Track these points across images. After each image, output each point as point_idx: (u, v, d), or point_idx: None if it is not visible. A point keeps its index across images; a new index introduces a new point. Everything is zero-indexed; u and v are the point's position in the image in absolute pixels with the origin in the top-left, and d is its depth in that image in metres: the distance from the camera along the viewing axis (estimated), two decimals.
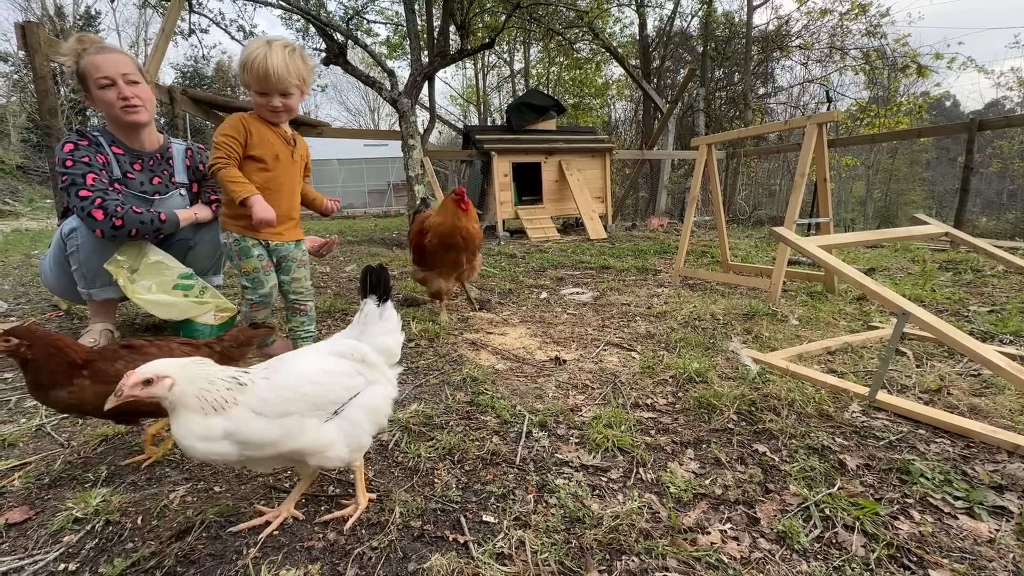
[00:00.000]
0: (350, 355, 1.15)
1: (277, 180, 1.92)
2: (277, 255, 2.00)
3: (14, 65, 18.75)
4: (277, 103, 1.83)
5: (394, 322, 1.28)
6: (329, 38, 7.09)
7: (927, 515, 1.12)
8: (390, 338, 1.27)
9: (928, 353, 2.12)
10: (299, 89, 1.86)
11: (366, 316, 1.24)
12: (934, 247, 5.28)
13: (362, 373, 1.14)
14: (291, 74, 1.78)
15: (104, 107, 2.14)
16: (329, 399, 1.07)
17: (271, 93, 1.80)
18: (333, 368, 1.11)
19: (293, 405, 1.02)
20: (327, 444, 1.06)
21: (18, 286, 3.84)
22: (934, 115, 20.10)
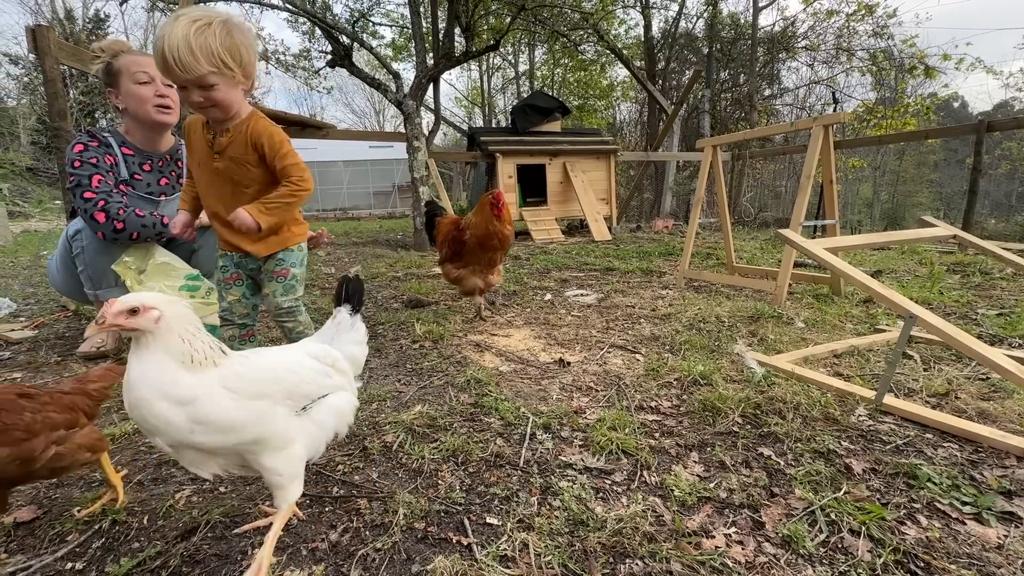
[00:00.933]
0: (323, 357, 1.15)
1: (203, 190, 1.65)
2: (244, 268, 1.73)
3: (24, 68, 18.96)
4: (196, 97, 1.41)
5: (363, 333, 1.28)
6: (335, 40, 7.13)
7: (934, 520, 1.11)
8: (359, 348, 1.26)
9: (936, 356, 2.10)
10: (222, 75, 1.41)
11: (339, 324, 1.25)
12: (942, 249, 5.24)
13: (331, 376, 1.14)
14: (198, 58, 1.33)
15: (135, 102, 2.18)
16: (303, 391, 1.05)
17: (185, 85, 1.40)
18: (309, 364, 1.11)
19: (269, 387, 0.98)
20: (290, 439, 1.01)
21: (27, 286, 3.88)
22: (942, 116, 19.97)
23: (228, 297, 1.73)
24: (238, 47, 1.43)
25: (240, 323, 1.75)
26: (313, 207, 19.07)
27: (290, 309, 1.75)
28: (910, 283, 3.58)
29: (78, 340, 2.44)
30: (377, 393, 1.79)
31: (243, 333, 1.78)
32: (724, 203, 3.94)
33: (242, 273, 1.73)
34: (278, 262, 1.72)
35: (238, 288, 1.74)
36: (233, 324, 1.75)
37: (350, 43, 7.31)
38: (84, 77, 14.06)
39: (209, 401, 0.90)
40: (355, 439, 1.49)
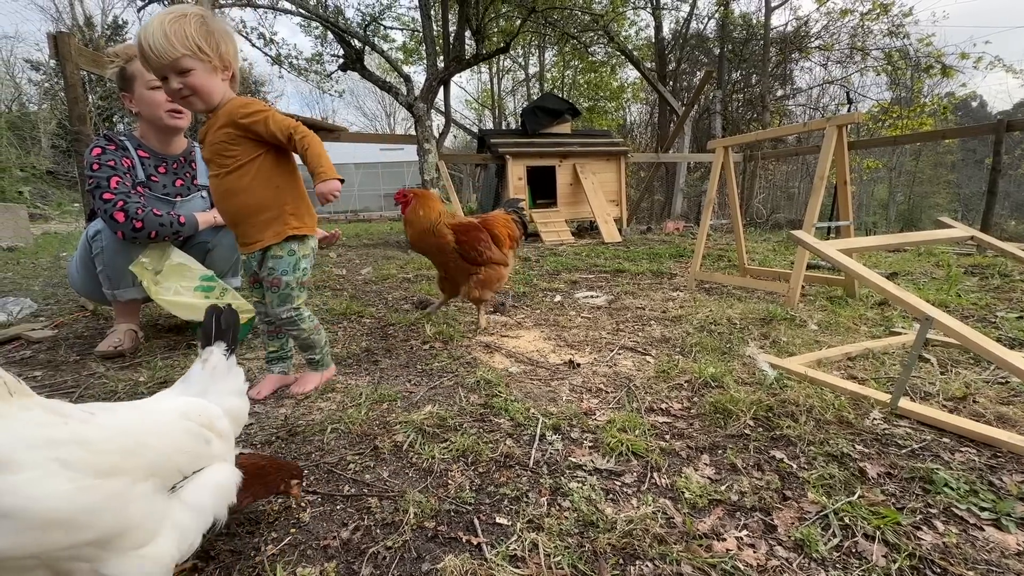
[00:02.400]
0: (198, 416, 0.89)
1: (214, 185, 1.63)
2: (251, 271, 1.73)
3: (45, 73, 19.40)
4: (175, 84, 1.43)
5: (242, 380, 1.05)
6: (347, 44, 7.21)
7: (951, 526, 1.09)
8: (240, 402, 1.02)
9: (953, 360, 2.07)
10: (199, 60, 1.43)
11: (213, 369, 0.98)
12: (959, 251, 5.14)
13: (211, 443, 0.89)
14: (172, 42, 1.37)
15: (148, 107, 2.23)
16: (174, 464, 0.80)
17: (165, 75, 1.43)
18: (183, 425, 0.85)
19: (127, 459, 0.71)
20: (152, 533, 0.73)
21: (47, 287, 3.97)
22: (960, 116, 19.60)
23: (252, 299, 1.81)
24: (213, 34, 1.46)
25: (267, 321, 1.82)
26: (325, 209, 19.25)
27: (290, 319, 1.70)
28: (927, 285, 3.52)
29: (96, 339, 2.49)
30: (388, 393, 1.80)
31: (271, 329, 1.84)
32: (736, 204, 3.91)
33: (254, 275, 1.73)
34: (269, 271, 1.66)
35: (256, 291, 1.78)
36: (263, 322, 1.83)
37: (362, 47, 7.38)
38: (103, 82, 14.35)
39: (28, 479, 0.59)
40: (366, 438, 1.50)
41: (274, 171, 1.64)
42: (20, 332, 2.60)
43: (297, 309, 1.71)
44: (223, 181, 1.58)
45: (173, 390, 0.97)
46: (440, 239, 2.41)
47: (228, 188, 1.58)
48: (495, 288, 2.58)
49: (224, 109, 1.53)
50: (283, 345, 1.87)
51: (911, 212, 22.86)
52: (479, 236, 2.50)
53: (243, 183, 1.59)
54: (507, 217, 2.75)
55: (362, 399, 1.75)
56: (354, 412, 1.64)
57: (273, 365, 1.89)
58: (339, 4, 10.17)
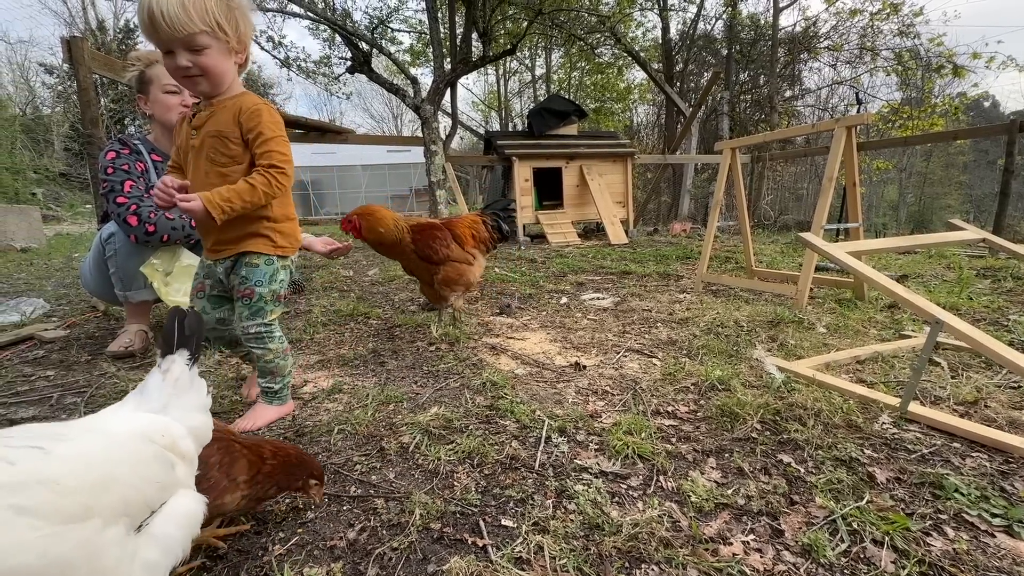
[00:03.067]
0: (160, 436, 0.78)
1: (189, 178, 1.45)
2: (212, 278, 1.55)
3: (58, 77, 19.68)
4: (183, 61, 1.29)
5: (205, 394, 0.94)
6: (355, 47, 7.25)
7: (962, 532, 1.08)
8: (204, 419, 0.91)
9: (964, 364, 2.04)
10: (215, 38, 1.30)
11: (176, 381, 0.86)
12: (971, 253, 5.08)
13: (175, 468, 0.80)
14: (192, 16, 1.23)
15: (161, 109, 2.26)
16: (146, 496, 0.71)
17: (172, 49, 1.28)
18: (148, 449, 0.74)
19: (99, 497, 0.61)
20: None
21: (60, 287, 4.02)
22: (971, 116, 19.37)
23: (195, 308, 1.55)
24: (233, 11, 1.32)
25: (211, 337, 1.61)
26: (332, 210, 19.35)
27: (258, 335, 1.53)
28: (937, 288, 3.48)
29: (107, 340, 2.52)
30: (394, 394, 1.81)
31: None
32: (743, 206, 3.89)
33: (207, 284, 1.55)
34: (241, 280, 1.50)
35: (199, 301, 1.56)
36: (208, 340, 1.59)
37: (369, 49, 7.43)
38: (115, 85, 14.53)
39: None
40: (373, 439, 1.51)
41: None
42: (33, 332, 2.64)
43: (268, 325, 1.54)
44: (207, 177, 1.42)
45: (127, 404, 0.83)
46: (400, 234, 2.40)
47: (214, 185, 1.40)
48: (459, 286, 2.54)
49: (240, 101, 1.40)
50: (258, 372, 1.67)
51: (922, 214, 22.61)
52: (434, 234, 2.47)
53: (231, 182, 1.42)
54: (475, 218, 2.70)
55: (368, 400, 1.76)
56: (361, 413, 1.65)
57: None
58: (347, 7, 10.24)
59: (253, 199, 1.38)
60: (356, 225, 2.32)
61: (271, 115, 1.41)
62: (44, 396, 1.87)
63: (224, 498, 1.00)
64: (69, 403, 1.81)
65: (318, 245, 2.23)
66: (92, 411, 1.71)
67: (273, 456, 1.09)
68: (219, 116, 1.40)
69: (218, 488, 0.99)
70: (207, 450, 0.99)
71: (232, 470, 1.02)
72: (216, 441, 1.02)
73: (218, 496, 0.99)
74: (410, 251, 2.41)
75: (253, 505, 1.08)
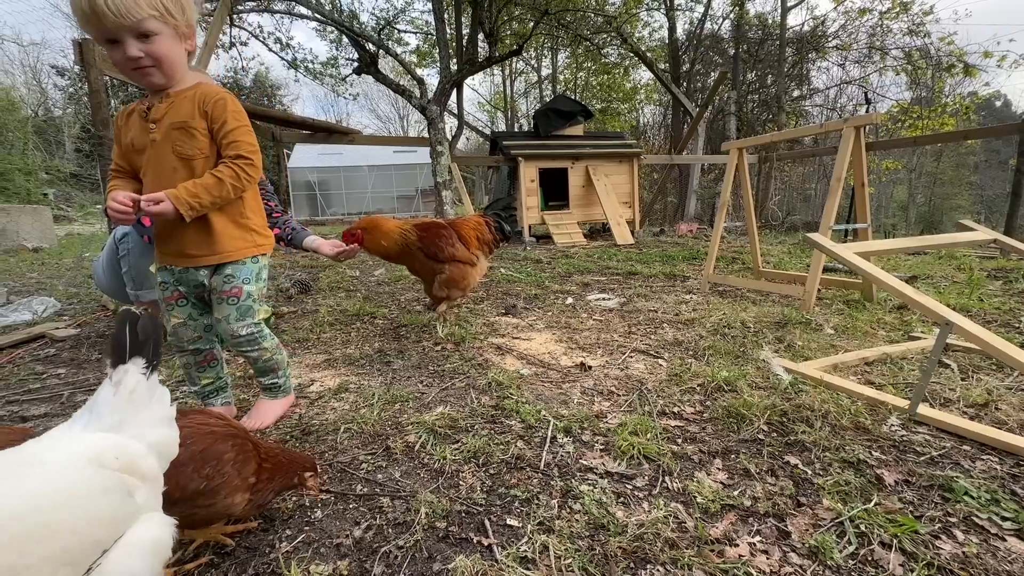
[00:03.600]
0: (114, 460, 0.70)
1: (147, 177, 1.35)
2: (187, 285, 1.44)
3: (70, 79, 19.93)
4: (134, 51, 1.19)
5: (168, 403, 0.84)
6: (362, 48, 7.29)
7: (971, 535, 1.07)
8: (169, 430, 0.83)
9: (975, 366, 2.02)
10: (165, 23, 1.21)
11: (130, 393, 0.76)
12: (982, 254, 5.02)
13: (133, 494, 0.71)
14: (137, 1, 1.15)
15: None
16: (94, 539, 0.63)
17: (120, 38, 1.18)
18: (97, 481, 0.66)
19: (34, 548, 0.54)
20: None
21: (70, 287, 4.07)
22: (983, 116, 19.16)
23: (172, 320, 1.45)
24: None
25: (192, 348, 1.49)
26: (339, 211, 19.44)
27: (250, 337, 1.47)
28: (947, 289, 3.44)
29: None
30: (400, 394, 1.81)
31: (200, 360, 1.52)
32: (750, 206, 3.87)
33: (184, 291, 1.44)
34: (227, 279, 1.42)
35: (182, 309, 1.46)
36: (184, 351, 1.49)
37: (376, 50, 7.46)
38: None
39: None
40: (379, 438, 1.52)
41: None
42: (45, 331, 2.68)
43: (258, 324, 1.50)
44: (175, 173, 1.32)
45: (75, 424, 0.73)
46: (405, 239, 2.42)
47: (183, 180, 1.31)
48: (460, 288, 2.54)
49: (201, 92, 1.33)
50: (218, 373, 1.57)
51: (932, 214, 22.39)
52: (440, 233, 2.49)
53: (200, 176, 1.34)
54: (479, 220, 2.73)
55: (375, 399, 1.77)
56: (367, 412, 1.65)
57: (213, 399, 1.60)
58: (354, 9, 10.30)
59: (221, 193, 1.31)
60: (359, 239, 2.35)
61: (235, 104, 1.36)
62: (55, 393, 1.90)
63: (235, 497, 1.00)
64: (79, 400, 1.83)
65: (326, 247, 2.24)
66: None
67: (268, 458, 1.09)
68: (180, 107, 1.31)
69: (230, 485, 0.99)
70: (223, 446, 1.00)
71: (244, 469, 1.03)
72: (231, 438, 1.03)
73: (230, 494, 0.99)
74: (416, 249, 2.43)
75: (255, 509, 1.08)
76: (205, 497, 0.96)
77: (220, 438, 1.01)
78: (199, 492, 0.95)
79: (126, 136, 1.35)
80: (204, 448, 0.98)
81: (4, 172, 13.62)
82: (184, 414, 1.03)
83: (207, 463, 0.97)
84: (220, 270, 1.43)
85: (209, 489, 0.96)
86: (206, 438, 0.99)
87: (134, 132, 1.34)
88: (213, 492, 0.97)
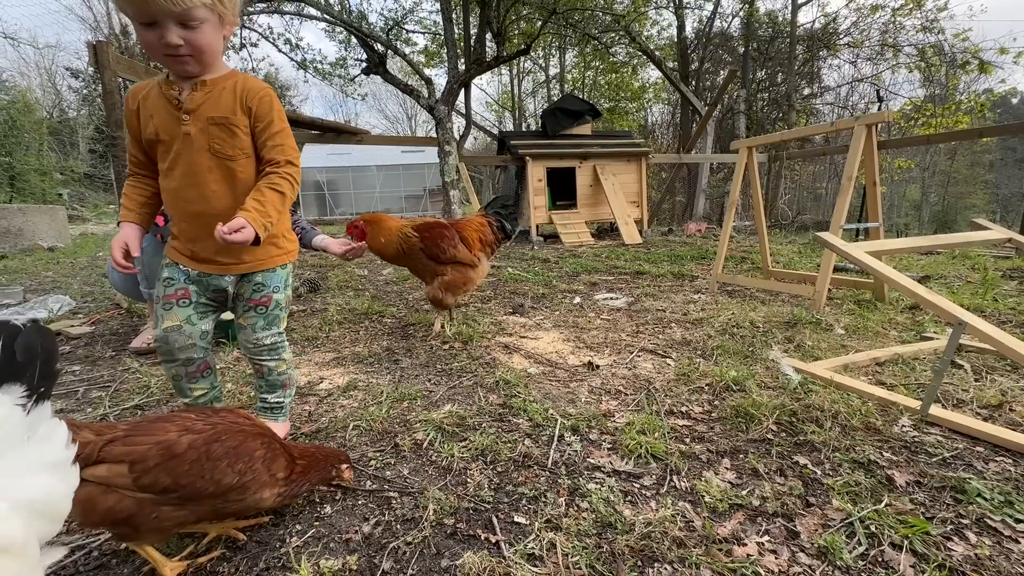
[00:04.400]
0: None
1: (175, 173, 1.22)
2: (210, 288, 1.32)
3: (84, 80, 20.22)
4: (174, 38, 1.09)
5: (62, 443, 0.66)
6: (370, 48, 7.33)
7: (984, 537, 1.05)
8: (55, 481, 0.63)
9: (988, 366, 2.00)
10: (212, 11, 1.12)
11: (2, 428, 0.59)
12: (997, 254, 4.95)
13: None
14: None
15: None
16: None
17: (160, 21, 1.08)
18: None
19: None
20: None
21: (85, 285, 4.13)
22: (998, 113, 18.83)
23: (165, 322, 1.27)
24: None
25: (183, 358, 1.30)
26: (347, 210, 19.55)
27: (273, 345, 1.39)
28: (961, 289, 3.39)
29: (130, 336, 2.59)
30: (408, 392, 1.82)
31: (191, 370, 1.33)
32: (760, 206, 3.84)
33: (193, 291, 1.30)
34: (257, 287, 1.33)
35: (182, 309, 1.29)
36: (174, 361, 1.29)
37: (384, 51, 7.49)
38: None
39: None
40: (387, 436, 1.53)
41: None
42: (60, 328, 2.72)
43: (282, 334, 1.42)
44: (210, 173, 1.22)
45: None
46: (407, 243, 2.41)
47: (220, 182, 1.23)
48: (460, 291, 2.52)
49: (243, 85, 1.23)
50: (212, 383, 1.41)
51: (945, 213, 22.07)
52: (442, 233, 2.47)
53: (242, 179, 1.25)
54: (481, 220, 2.69)
55: (383, 397, 1.78)
56: (375, 410, 1.67)
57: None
58: (363, 10, 10.35)
59: (284, 209, 1.22)
60: (361, 228, 2.37)
61: (279, 102, 1.27)
62: (71, 390, 1.93)
63: (264, 492, 1.03)
64: (94, 397, 1.86)
65: (334, 246, 2.26)
66: (116, 405, 1.76)
67: (302, 456, 1.13)
68: (219, 99, 1.19)
69: (260, 481, 1.02)
70: (253, 443, 1.03)
71: (273, 466, 1.05)
72: (260, 436, 1.07)
73: (259, 490, 1.02)
74: (418, 250, 2.43)
75: (285, 502, 1.12)
76: (237, 492, 0.99)
77: (251, 436, 1.05)
78: (232, 487, 0.98)
79: (148, 123, 1.20)
80: (237, 445, 1.01)
81: (21, 173, 13.85)
82: (215, 412, 1.08)
83: (240, 459, 1.00)
84: (250, 277, 1.33)
85: (241, 484, 0.99)
86: (238, 435, 1.02)
87: (160, 120, 1.19)
88: (244, 487, 0.99)
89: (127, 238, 1.24)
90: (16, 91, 15.72)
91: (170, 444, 0.94)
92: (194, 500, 0.94)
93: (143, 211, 1.29)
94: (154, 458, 0.91)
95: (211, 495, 0.95)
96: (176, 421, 1.00)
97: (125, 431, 0.95)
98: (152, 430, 0.96)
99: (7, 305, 3.29)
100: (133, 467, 0.89)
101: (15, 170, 13.64)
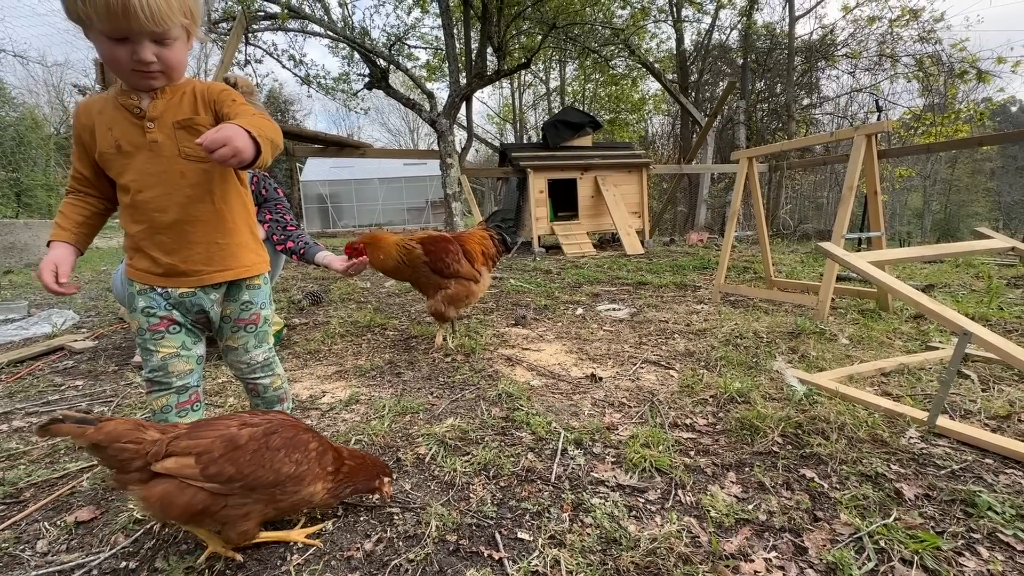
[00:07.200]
0: None
1: (143, 183, 1.14)
2: (192, 311, 1.23)
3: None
4: (148, 55, 1.06)
5: None
6: (373, 64, 7.42)
7: (996, 552, 1.03)
8: None
9: (995, 376, 1.98)
10: (186, 31, 1.12)
11: None
12: (1001, 262, 4.93)
13: None
14: (173, 6, 1.05)
15: None
16: None
17: (134, 38, 1.04)
18: None
19: None
20: None
21: (88, 300, 4.15)
22: (998, 122, 18.90)
23: (160, 351, 1.20)
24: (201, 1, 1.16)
25: (179, 385, 1.23)
26: (350, 223, 19.65)
27: (267, 362, 1.37)
28: (965, 298, 3.38)
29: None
30: (410, 405, 1.82)
31: (183, 400, 1.25)
32: (761, 215, 3.84)
33: (177, 315, 1.22)
34: (244, 305, 1.29)
35: (175, 336, 1.22)
36: (168, 389, 1.22)
37: (387, 66, 7.58)
38: None
39: None
40: (389, 450, 1.52)
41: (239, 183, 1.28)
42: (64, 343, 2.73)
43: (271, 349, 1.39)
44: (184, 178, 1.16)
45: None
46: (410, 254, 2.41)
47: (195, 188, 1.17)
48: (462, 304, 2.52)
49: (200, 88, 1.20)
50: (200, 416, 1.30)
51: (948, 222, 22.06)
52: (447, 248, 2.48)
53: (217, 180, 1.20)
54: (484, 234, 2.70)
55: (385, 411, 1.77)
56: (377, 424, 1.66)
57: None
58: (365, 26, 10.50)
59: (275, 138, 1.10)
60: (361, 251, 2.36)
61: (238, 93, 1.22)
62: (73, 405, 1.93)
63: (317, 485, 1.08)
64: (97, 412, 1.86)
65: (336, 263, 2.26)
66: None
67: (351, 457, 1.17)
68: (180, 103, 1.16)
69: (313, 473, 1.07)
70: (306, 436, 1.09)
71: (323, 459, 1.10)
72: (310, 431, 1.12)
73: (312, 481, 1.07)
74: (422, 263, 2.44)
75: (332, 502, 1.15)
76: (294, 483, 1.04)
77: (303, 429, 1.11)
78: (290, 476, 1.04)
79: (106, 136, 1.13)
80: (292, 436, 1.08)
81: (28, 188, 14.01)
82: (264, 412, 1.15)
83: (297, 449, 1.06)
84: (235, 296, 1.28)
85: (298, 474, 1.05)
86: (291, 428, 1.09)
87: (121, 131, 1.13)
88: (300, 478, 1.05)
89: (58, 260, 1.14)
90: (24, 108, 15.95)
91: (232, 436, 1.01)
92: (256, 489, 1.01)
93: (79, 231, 1.20)
94: (219, 449, 0.98)
95: (271, 484, 1.02)
96: (233, 418, 1.08)
97: (188, 428, 1.02)
98: (213, 425, 1.03)
99: (12, 320, 3.31)
100: (200, 458, 0.96)
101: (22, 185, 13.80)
